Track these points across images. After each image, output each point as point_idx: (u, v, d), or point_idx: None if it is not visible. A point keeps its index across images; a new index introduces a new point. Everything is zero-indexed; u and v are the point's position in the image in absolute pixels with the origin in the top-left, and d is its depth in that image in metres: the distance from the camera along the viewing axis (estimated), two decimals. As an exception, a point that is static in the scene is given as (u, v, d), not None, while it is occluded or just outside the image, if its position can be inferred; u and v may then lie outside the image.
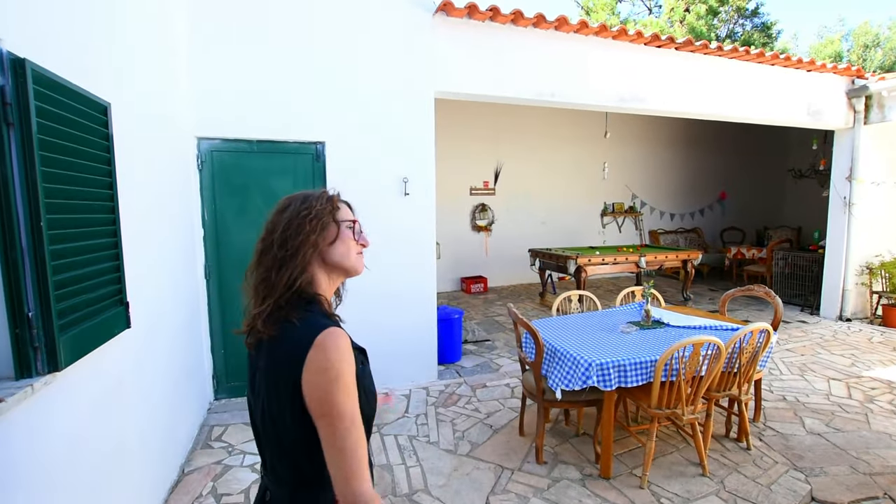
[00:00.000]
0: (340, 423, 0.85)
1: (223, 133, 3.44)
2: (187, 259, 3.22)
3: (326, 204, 1.03)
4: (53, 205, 1.51)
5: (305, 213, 1.00)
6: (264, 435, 0.99)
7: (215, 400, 3.63)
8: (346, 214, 1.08)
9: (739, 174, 10.28)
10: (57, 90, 1.55)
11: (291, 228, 0.99)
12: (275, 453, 0.97)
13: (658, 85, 4.66)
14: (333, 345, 0.89)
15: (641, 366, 2.54)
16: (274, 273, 0.97)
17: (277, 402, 0.92)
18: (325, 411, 0.86)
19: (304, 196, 1.05)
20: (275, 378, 0.92)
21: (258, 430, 1.02)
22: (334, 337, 0.90)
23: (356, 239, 1.07)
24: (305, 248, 0.98)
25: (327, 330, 0.91)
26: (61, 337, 1.51)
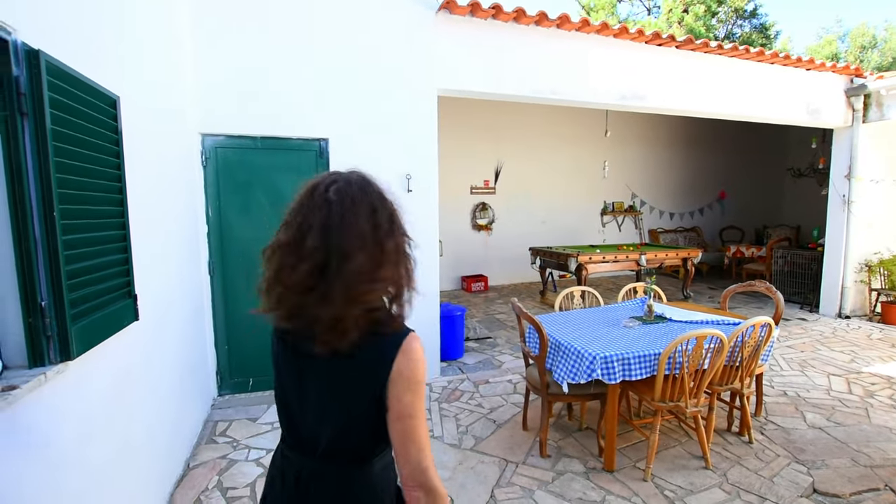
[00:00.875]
0: (420, 422, 0.90)
1: (227, 129, 3.45)
2: (191, 255, 3.23)
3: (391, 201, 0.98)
4: (65, 195, 1.53)
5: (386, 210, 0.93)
6: (321, 420, 0.96)
7: (219, 396, 3.64)
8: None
9: (738, 173, 10.33)
10: (69, 82, 1.57)
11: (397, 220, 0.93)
12: (335, 437, 0.96)
13: (658, 83, 4.69)
14: (419, 353, 0.92)
15: (645, 359, 2.56)
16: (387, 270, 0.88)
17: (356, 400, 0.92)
18: (409, 413, 0.90)
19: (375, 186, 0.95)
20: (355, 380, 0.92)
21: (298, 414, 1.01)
22: (418, 343, 0.92)
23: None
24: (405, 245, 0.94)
25: (410, 335, 0.93)
26: (73, 326, 1.52)
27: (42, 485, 1.40)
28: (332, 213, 0.88)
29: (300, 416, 1.00)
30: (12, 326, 1.43)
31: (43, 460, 1.42)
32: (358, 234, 0.87)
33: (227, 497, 2.48)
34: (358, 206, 0.90)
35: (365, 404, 0.92)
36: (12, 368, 1.42)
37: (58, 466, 1.49)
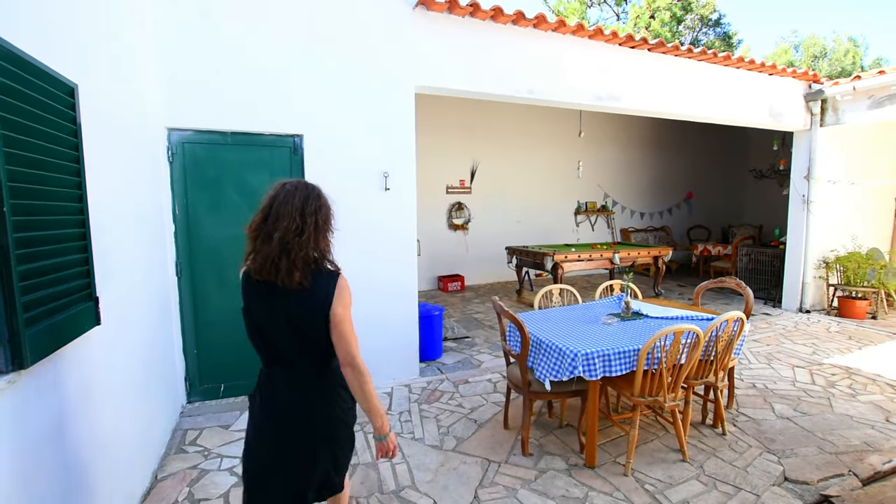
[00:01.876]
0: (348, 325, 1.50)
1: (195, 124, 3.30)
2: (157, 255, 3.07)
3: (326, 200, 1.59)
4: (17, 189, 1.40)
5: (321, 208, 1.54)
6: (290, 339, 1.52)
7: (188, 403, 3.47)
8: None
9: (704, 174, 10.69)
10: (20, 66, 1.44)
11: (322, 214, 1.53)
12: (304, 348, 1.53)
13: (632, 85, 4.78)
14: (343, 284, 1.52)
15: (625, 355, 2.59)
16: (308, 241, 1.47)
17: (314, 318, 1.49)
18: (341, 320, 1.49)
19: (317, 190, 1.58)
20: (312, 305, 1.48)
21: (271, 338, 1.55)
22: (345, 280, 1.54)
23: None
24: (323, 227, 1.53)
25: (339, 277, 1.54)
26: (27, 332, 1.40)
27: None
28: (280, 194, 1.51)
29: (276, 339, 1.54)
30: (-44, 333, 1.30)
31: (-8, 479, 1.29)
32: (289, 208, 1.47)
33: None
34: (296, 193, 1.50)
35: (321, 321, 1.49)
36: (-44, 379, 1.29)
37: (9, 484, 1.36)
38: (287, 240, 1.43)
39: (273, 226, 1.45)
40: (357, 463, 2.77)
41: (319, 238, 1.50)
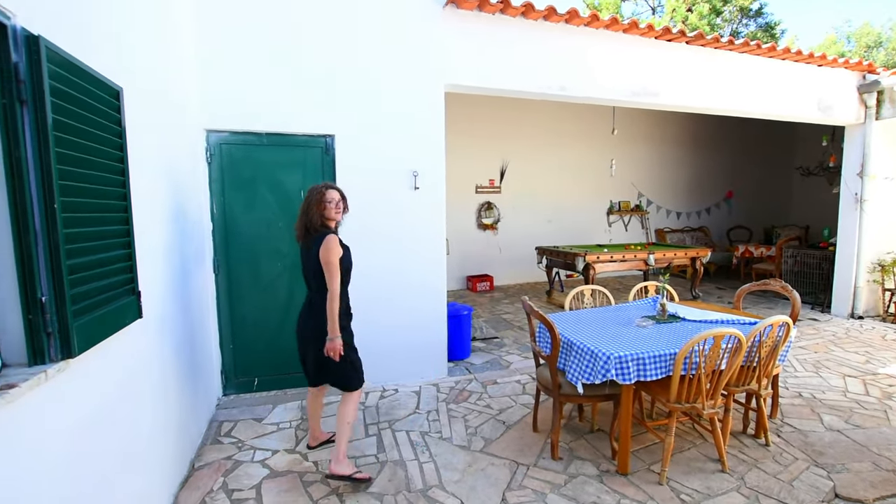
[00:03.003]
0: (331, 266, 2.39)
1: (232, 126, 3.41)
2: (196, 252, 3.18)
3: (320, 192, 2.51)
4: (67, 188, 1.48)
5: (312, 194, 2.52)
6: (311, 276, 2.51)
7: (224, 396, 3.59)
8: (331, 196, 2.52)
9: (746, 172, 10.23)
10: (70, 70, 1.52)
11: (307, 200, 2.52)
12: (309, 282, 2.55)
13: (669, 79, 4.61)
14: (329, 239, 2.41)
15: (660, 359, 2.49)
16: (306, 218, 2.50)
17: (314, 262, 2.44)
18: (326, 261, 2.39)
19: (313, 187, 2.55)
20: (310, 254, 2.46)
21: (307, 276, 2.56)
22: (331, 237, 2.43)
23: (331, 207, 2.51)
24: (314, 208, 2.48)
25: (330, 235, 2.43)
26: (75, 323, 1.47)
27: (43, 485, 1.35)
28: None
29: (306, 275, 2.57)
30: (11, 323, 1.38)
31: (43, 460, 1.36)
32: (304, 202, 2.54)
33: (232, 499, 2.43)
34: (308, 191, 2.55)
35: (316, 262, 2.43)
36: (12, 366, 1.37)
37: (59, 467, 1.43)
38: (301, 218, 2.53)
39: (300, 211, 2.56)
40: (386, 460, 2.78)
41: (306, 213, 2.48)
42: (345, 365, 2.52)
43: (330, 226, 2.52)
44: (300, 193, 3.60)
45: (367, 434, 3.08)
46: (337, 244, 2.42)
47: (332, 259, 2.38)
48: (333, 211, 2.49)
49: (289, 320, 3.66)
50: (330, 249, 2.38)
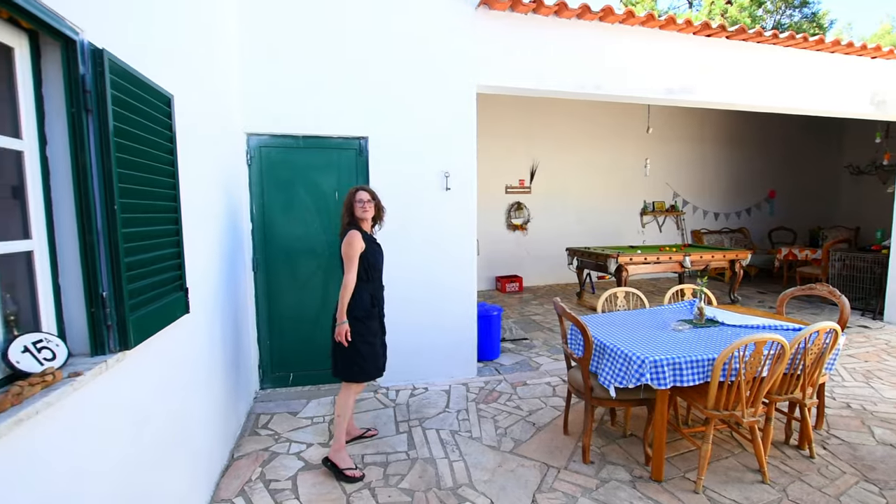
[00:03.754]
0: (349, 259, 2.58)
1: (271, 129, 3.53)
2: (237, 251, 3.32)
3: (352, 192, 2.71)
4: (125, 190, 1.58)
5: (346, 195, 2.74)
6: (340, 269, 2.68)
7: (261, 389, 3.72)
8: (361, 196, 2.70)
9: (790, 171, 9.77)
10: (129, 80, 1.62)
11: (345, 201, 2.73)
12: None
13: (708, 76, 4.47)
14: (350, 234, 2.59)
15: (698, 364, 2.43)
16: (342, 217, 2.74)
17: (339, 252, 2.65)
18: (345, 254, 2.58)
19: (350, 190, 2.75)
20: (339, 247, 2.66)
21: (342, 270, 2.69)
22: (353, 232, 2.60)
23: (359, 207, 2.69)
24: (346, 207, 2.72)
25: (352, 231, 2.61)
26: (131, 317, 1.57)
27: (102, 465, 1.45)
28: None
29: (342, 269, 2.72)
30: (77, 316, 1.49)
31: (103, 441, 1.47)
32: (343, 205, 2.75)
33: (269, 489, 2.52)
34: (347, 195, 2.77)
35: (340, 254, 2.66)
36: (77, 356, 1.48)
37: (115, 449, 1.54)
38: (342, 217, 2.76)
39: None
40: (416, 458, 2.82)
41: (344, 214, 2.72)
42: (350, 352, 2.61)
43: (360, 224, 2.70)
44: (335, 194, 3.69)
45: (397, 431, 3.14)
46: (358, 239, 2.58)
47: (350, 252, 2.56)
48: (360, 210, 2.66)
49: (323, 318, 3.76)
50: (350, 244, 2.57)
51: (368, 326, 2.67)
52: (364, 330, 2.65)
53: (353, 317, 2.60)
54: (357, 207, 2.66)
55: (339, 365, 2.67)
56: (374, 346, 2.70)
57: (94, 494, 1.41)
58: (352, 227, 2.64)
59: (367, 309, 2.65)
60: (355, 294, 2.59)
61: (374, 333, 2.70)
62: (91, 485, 1.39)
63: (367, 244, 2.64)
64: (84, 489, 1.36)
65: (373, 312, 2.69)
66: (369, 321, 2.67)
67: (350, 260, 2.56)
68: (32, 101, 1.37)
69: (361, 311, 2.63)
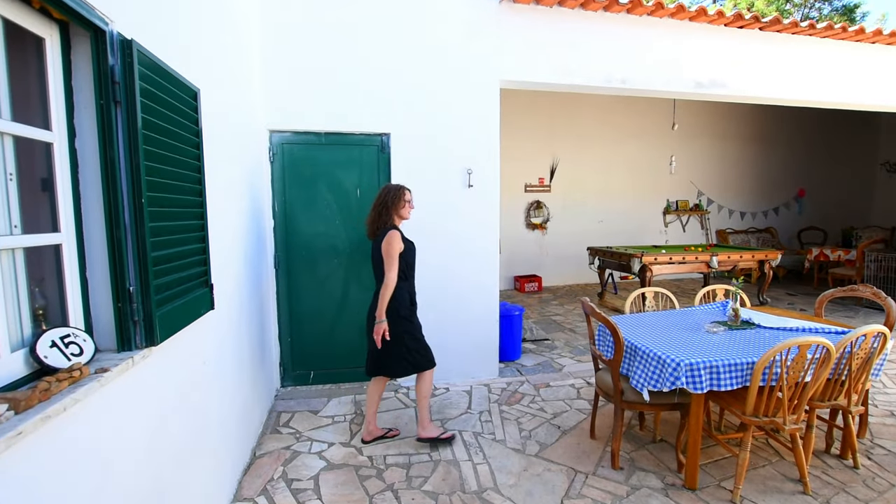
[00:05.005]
0: (390, 258, 2.63)
1: (293, 126, 3.51)
2: (259, 249, 3.31)
3: (401, 191, 2.79)
4: (152, 184, 1.55)
5: (389, 194, 2.78)
6: (377, 269, 2.75)
7: (281, 387, 3.71)
8: (409, 195, 2.82)
9: (820, 169, 9.44)
10: (157, 72, 1.60)
11: (388, 199, 2.77)
12: (375, 271, 2.80)
13: (739, 69, 4.31)
14: (391, 234, 2.66)
15: (736, 368, 2.31)
16: (378, 216, 2.77)
17: (377, 253, 2.72)
18: (387, 253, 2.63)
19: (388, 186, 2.82)
20: (376, 246, 2.73)
21: (375, 270, 2.77)
22: (393, 232, 2.67)
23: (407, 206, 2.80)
24: (392, 207, 2.76)
25: (392, 231, 2.68)
26: (157, 312, 1.54)
27: (127, 462, 1.43)
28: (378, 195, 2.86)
29: (375, 269, 2.80)
30: (103, 311, 1.47)
31: (130, 437, 1.44)
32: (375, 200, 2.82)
33: (291, 489, 2.49)
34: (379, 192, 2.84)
35: (379, 254, 2.71)
36: (103, 351, 1.46)
37: (140, 445, 1.51)
38: (371, 215, 2.81)
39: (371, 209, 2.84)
40: (439, 459, 2.77)
41: (382, 213, 2.76)
42: (403, 351, 2.75)
43: (397, 223, 2.79)
44: (356, 192, 3.66)
45: (419, 432, 3.08)
46: (399, 239, 2.68)
47: (393, 252, 2.64)
48: (408, 210, 2.80)
49: (343, 316, 3.74)
50: (391, 243, 2.65)
51: (414, 323, 2.83)
52: (412, 328, 2.79)
53: (400, 316, 2.72)
54: (406, 207, 2.78)
55: (382, 361, 2.78)
56: (420, 341, 2.84)
57: (119, 493, 1.39)
58: (390, 226, 2.73)
59: (408, 308, 2.79)
60: (395, 293, 2.67)
61: (419, 329, 2.85)
62: (115, 483, 1.37)
63: (405, 242, 2.75)
64: (109, 487, 1.34)
65: (413, 310, 2.85)
66: (414, 318, 2.84)
67: (392, 259, 2.63)
68: (62, 92, 1.35)
69: (405, 309, 2.76)
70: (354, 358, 3.79)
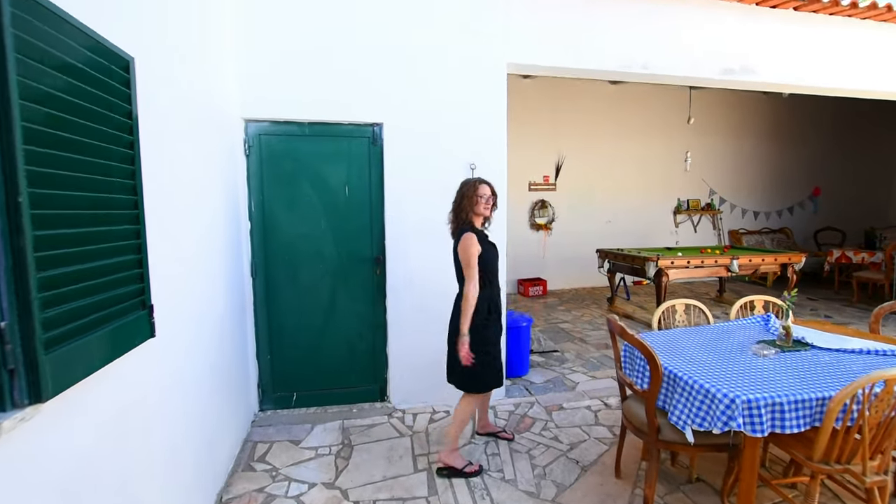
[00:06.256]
0: (467, 265, 2.43)
1: (272, 114, 3.08)
2: (233, 255, 2.88)
3: (474, 186, 2.53)
4: (40, 176, 1.12)
5: (462, 189, 2.56)
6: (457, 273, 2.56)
7: (260, 411, 3.28)
8: (484, 190, 2.53)
9: (837, 167, 9.01)
10: (50, 21, 1.16)
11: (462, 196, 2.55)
12: (456, 274, 2.57)
13: (771, 53, 3.88)
14: (465, 236, 2.44)
15: (803, 405, 1.88)
16: (455, 216, 2.56)
17: (455, 255, 2.52)
18: (464, 261, 2.44)
19: (464, 181, 2.60)
20: (455, 248, 2.52)
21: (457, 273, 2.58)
22: (468, 234, 2.44)
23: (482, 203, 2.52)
24: (464, 206, 2.52)
25: (467, 233, 2.45)
26: (47, 355, 1.11)
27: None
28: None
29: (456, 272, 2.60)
30: (-36, 355, 1.03)
31: (-3, 546, 1.01)
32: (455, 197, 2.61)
33: (261, 547, 2.07)
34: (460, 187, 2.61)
35: (456, 256, 2.53)
36: (-40, 415, 1.02)
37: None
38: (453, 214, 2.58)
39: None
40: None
41: (458, 212, 2.52)
42: (450, 360, 2.58)
43: (475, 222, 2.53)
44: (344, 189, 3.23)
45: (415, 469, 2.65)
46: (475, 241, 2.43)
47: (470, 258, 2.40)
48: (482, 206, 2.50)
49: (330, 329, 3.31)
50: (467, 247, 2.41)
51: (484, 336, 2.52)
52: (480, 339, 2.49)
53: (474, 325, 2.45)
54: (480, 204, 2.49)
55: (457, 375, 2.58)
56: (489, 354, 2.55)
57: None
58: (467, 226, 2.48)
59: (483, 317, 2.50)
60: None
61: (489, 342, 2.55)
62: None
63: (483, 244, 2.48)
64: None
65: (490, 320, 2.55)
66: (484, 330, 2.52)
67: (470, 266, 2.40)
68: None
69: (478, 318, 2.47)
70: (343, 377, 3.36)
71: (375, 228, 3.30)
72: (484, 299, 2.49)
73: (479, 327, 2.48)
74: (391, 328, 3.37)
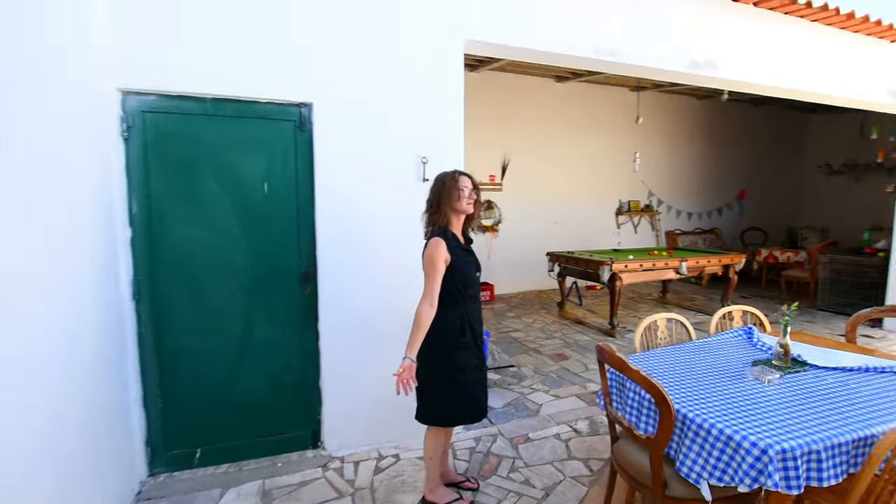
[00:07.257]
0: (427, 276, 2.01)
1: (161, 85, 2.33)
2: (101, 273, 2.11)
3: (452, 178, 2.12)
4: None
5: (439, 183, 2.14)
6: None
7: (150, 477, 2.50)
8: (464, 182, 2.12)
9: (759, 170, 9.55)
10: None
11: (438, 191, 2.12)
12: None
13: (732, 49, 3.73)
14: (433, 241, 2.03)
15: (839, 450, 1.56)
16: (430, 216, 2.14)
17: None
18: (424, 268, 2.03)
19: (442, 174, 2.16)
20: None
21: None
22: (435, 240, 2.02)
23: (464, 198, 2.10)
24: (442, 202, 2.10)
25: (435, 238, 2.04)
26: None
27: None
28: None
29: None
30: None
31: None
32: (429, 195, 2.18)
33: None
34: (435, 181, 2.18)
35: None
36: None
37: None
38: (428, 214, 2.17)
39: None
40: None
41: (433, 211, 2.13)
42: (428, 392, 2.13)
43: (452, 222, 2.12)
44: (263, 186, 2.55)
45: (360, 544, 2.06)
46: (441, 248, 2.01)
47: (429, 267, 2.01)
48: (465, 202, 2.09)
49: (246, 363, 2.61)
50: (430, 254, 2.01)
51: (453, 359, 2.09)
52: (447, 364, 2.09)
53: (434, 346, 2.03)
54: (461, 199, 2.07)
55: (420, 406, 2.19)
56: (462, 384, 2.11)
57: None
58: (442, 228, 2.08)
59: (454, 337, 2.08)
60: (439, 319, 1.99)
61: (461, 369, 2.10)
62: None
63: (454, 252, 2.04)
64: None
65: (462, 342, 2.10)
66: (456, 352, 2.09)
67: (428, 276, 1.99)
68: None
69: (446, 338, 2.07)
70: (263, 422, 2.68)
71: (304, 235, 2.65)
72: (455, 313, 2.09)
73: (447, 349, 2.09)
74: (325, 356, 2.74)
